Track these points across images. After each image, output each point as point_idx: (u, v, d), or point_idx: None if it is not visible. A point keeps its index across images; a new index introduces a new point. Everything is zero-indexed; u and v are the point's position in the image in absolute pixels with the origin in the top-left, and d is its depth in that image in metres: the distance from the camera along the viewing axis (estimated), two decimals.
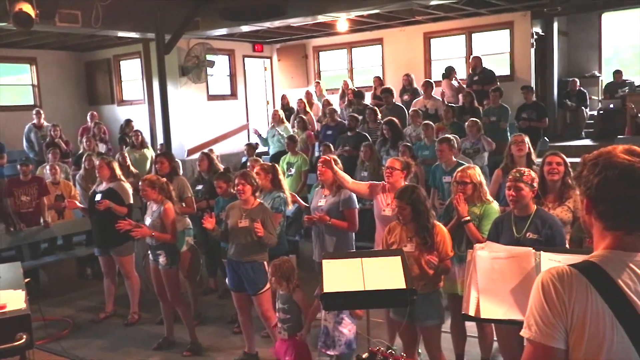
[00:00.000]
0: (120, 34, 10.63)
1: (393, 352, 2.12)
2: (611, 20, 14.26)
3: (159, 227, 5.42)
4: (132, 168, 8.59)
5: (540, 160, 4.80)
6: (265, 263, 5.02)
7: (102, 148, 10.72)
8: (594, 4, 10.98)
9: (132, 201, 6.53)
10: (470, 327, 4.74)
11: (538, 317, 1.58)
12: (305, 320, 4.52)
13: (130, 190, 6.57)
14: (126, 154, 8.94)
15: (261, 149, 11.38)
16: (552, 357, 1.57)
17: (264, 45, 14.32)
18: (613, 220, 1.61)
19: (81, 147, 10.13)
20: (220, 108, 13.29)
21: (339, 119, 10.46)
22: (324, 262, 3.51)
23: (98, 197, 6.36)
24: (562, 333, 1.56)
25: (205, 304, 6.82)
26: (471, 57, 11.43)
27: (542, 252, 3.12)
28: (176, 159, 7.98)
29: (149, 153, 10.05)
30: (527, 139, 5.78)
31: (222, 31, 11.30)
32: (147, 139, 11.57)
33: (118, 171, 6.57)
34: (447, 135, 6.87)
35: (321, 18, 10.28)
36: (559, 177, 4.45)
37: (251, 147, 9.63)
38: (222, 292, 7.02)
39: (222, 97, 13.48)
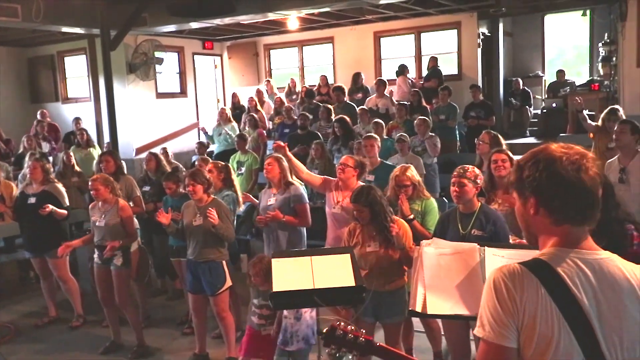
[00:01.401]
0: (64, 29, 10.31)
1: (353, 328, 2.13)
2: (554, 22, 14.75)
3: (118, 226, 5.28)
4: (76, 167, 8.35)
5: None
6: (224, 262, 4.97)
7: (45, 147, 10.37)
8: (537, 6, 11.32)
9: (68, 203, 6.32)
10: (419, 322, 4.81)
11: (491, 316, 1.59)
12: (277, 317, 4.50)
13: (64, 192, 6.36)
14: (71, 153, 8.67)
15: (213, 147, 11.27)
16: (505, 356, 1.59)
17: (214, 42, 14.16)
18: (559, 215, 1.64)
19: (21, 146, 9.79)
20: (170, 106, 13.06)
21: (295, 117, 10.44)
22: (273, 261, 3.48)
23: (32, 200, 6.13)
24: (514, 332, 1.58)
25: (154, 305, 6.69)
26: (429, 56, 11.59)
27: (486, 247, 3.18)
28: (122, 158, 7.79)
29: (96, 152, 9.78)
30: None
31: (171, 28, 11.11)
32: (94, 137, 11.27)
33: (52, 174, 6.34)
34: (372, 134, 6.86)
35: (272, 16, 10.24)
36: (505, 173, 4.56)
37: (202, 146, 9.50)
38: (171, 293, 6.91)
39: (171, 95, 13.26)
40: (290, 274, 3.36)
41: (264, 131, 10.52)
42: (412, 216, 4.48)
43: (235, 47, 14.40)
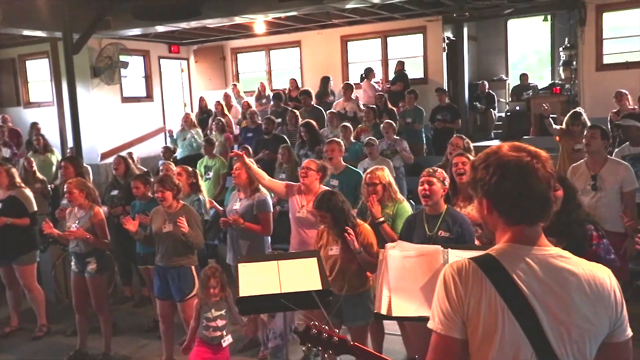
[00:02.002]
0: (26, 32, 10.10)
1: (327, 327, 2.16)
2: (516, 27, 15.06)
3: (91, 232, 5.17)
4: (38, 174, 8.16)
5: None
6: (193, 268, 4.92)
7: (5, 152, 10.12)
8: (500, 11, 11.53)
9: (35, 208, 6.18)
10: (392, 325, 4.83)
11: (440, 309, 1.69)
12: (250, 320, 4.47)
13: (32, 197, 6.21)
14: (32, 159, 8.49)
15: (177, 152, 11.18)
16: (452, 346, 1.68)
17: (180, 46, 14.05)
18: (511, 216, 1.69)
19: None
20: (136, 110, 12.90)
21: (259, 122, 10.41)
22: (240, 265, 3.48)
23: None
24: (459, 324, 1.66)
25: (120, 312, 6.59)
26: (396, 60, 11.69)
27: (449, 249, 3.24)
28: (85, 164, 7.67)
29: (55, 157, 9.59)
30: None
31: (136, 31, 10.98)
32: (57, 142, 11.06)
33: (17, 178, 6.19)
34: (335, 139, 6.88)
35: (238, 20, 10.21)
36: (465, 176, 4.61)
37: (168, 150, 9.41)
38: (137, 300, 6.82)
39: (137, 99, 13.09)
40: (257, 278, 3.37)
41: (232, 135, 10.48)
42: (382, 219, 4.49)
43: (201, 51, 14.31)
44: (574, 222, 3.53)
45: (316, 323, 2.14)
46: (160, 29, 10.82)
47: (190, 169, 5.91)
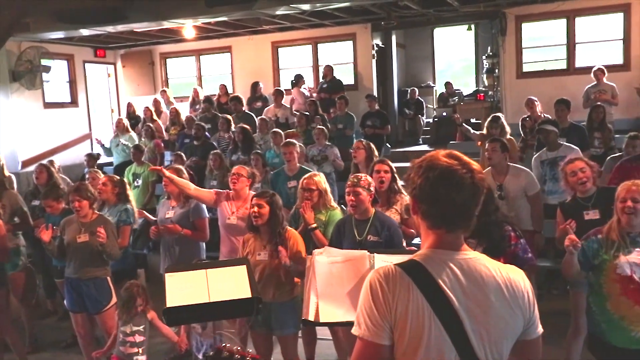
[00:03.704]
0: None
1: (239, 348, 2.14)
2: (442, 35, 15.55)
3: None
4: None
5: None
6: (109, 279, 4.78)
7: None
8: (426, 20, 11.85)
9: None
10: (324, 330, 4.85)
11: (366, 316, 1.70)
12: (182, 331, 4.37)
13: None
14: None
15: (105, 159, 10.86)
16: (378, 353, 1.69)
17: (106, 50, 13.63)
18: (434, 220, 1.75)
19: None
20: (59, 116, 12.39)
21: None
22: (167, 275, 3.42)
23: None
24: (387, 330, 1.69)
25: (43, 327, 6.32)
26: (324, 65, 11.79)
27: (375, 254, 3.30)
28: (7, 172, 7.30)
29: None
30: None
31: (59, 34, 10.58)
32: None
33: None
34: (291, 140, 6.99)
35: (166, 24, 10.03)
36: (386, 183, 4.73)
37: (92, 158, 9.12)
38: (62, 314, 6.56)
39: (60, 105, 12.58)
40: (185, 288, 3.32)
41: (161, 142, 10.28)
42: (314, 225, 4.52)
43: (129, 56, 13.96)
44: (493, 223, 3.68)
45: (227, 345, 2.13)
46: (85, 32, 10.46)
47: (116, 178, 5.74)
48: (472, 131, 7.64)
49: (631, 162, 5.06)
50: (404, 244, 4.23)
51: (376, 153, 6.26)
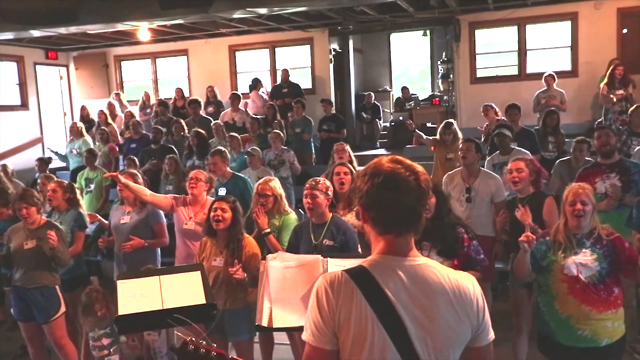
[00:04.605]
0: None
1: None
2: (399, 41, 15.76)
3: None
4: None
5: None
6: (57, 287, 4.66)
7: None
8: (383, 25, 11.99)
9: None
10: (281, 335, 4.83)
11: (312, 321, 1.73)
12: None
13: None
14: None
15: (58, 163, 10.59)
16: (323, 357, 1.73)
17: (58, 52, 13.29)
18: (383, 225, 1.77)
19: None
20: (8, 120, 12.02)
21: (144, 132, 10.10)
22: (119, 283, 3.35)
23: None
24: (331, 336, 1.71)
25: None
26: (281, 69, 11.77)
27: (329, 258, 3.32)
28: None
29: None
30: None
31: (7, 35, 10.24)
32: None
33: None
34: (219, 148, 6.90)
35: (120, 26, 9.84)
36: (346, 185, 4.75)
37: (43, 163, 8.89)
38: (11, 324, 6.34)
39: (10, 108, 12.21)
40: (137, 295, 3.26)
41: (116, 146, 10.08)
42: (268, 230, 4.52)
43: (82, 58, 13.65)
44: (447, 225, 3.75)
45: (193, 338, 2.12)
46: (35, 33, 10.16)
47: (65, 183, 5.60)
48: (424, 137, 7.77)
49: (588, 169, 5.21)
50: (359, 249, 4.26)
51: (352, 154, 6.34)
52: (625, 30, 10.56)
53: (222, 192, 5.87)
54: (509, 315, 4.69)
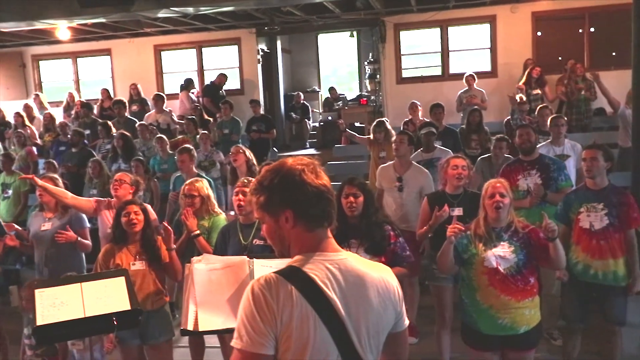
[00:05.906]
0: None
1: None
2: (327, 41, 15.90)
3: None
4: None
5: None
6: None
7: None
8: (310, 26, 12.06)
9: None
10: (212, 338, 4.78)
11: (249, 326, 1.66)
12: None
13: None
14: None
15: None
16: None
17: None
18: (315, 218, 1.78)
19: None
20: None
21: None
22: (37, 292, 3.21)
23: None
24: (272, 340, 1.67)
25: None
26: (219, 74, 11.60)
27: (255, 259, 3.31)
28: None
29: None
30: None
31: None
32: None
33: None
34: (187, 145, 6.84)
35: (38, 25, 9.42)
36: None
37: None
38: None
39: None
40: (57, 304, 3.14)
41: (34, 149, 9.64)
42: (197, 232, 4.46)
43: None
44: (374, 224, 3.83)
45: None
46: None
47: None
48: (357, 136, 7.89)
49: (511, 165, 5.43)
50: None
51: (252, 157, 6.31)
52: (539, 33, 11.10)
53: None
54: (429, 307, 4.85)
